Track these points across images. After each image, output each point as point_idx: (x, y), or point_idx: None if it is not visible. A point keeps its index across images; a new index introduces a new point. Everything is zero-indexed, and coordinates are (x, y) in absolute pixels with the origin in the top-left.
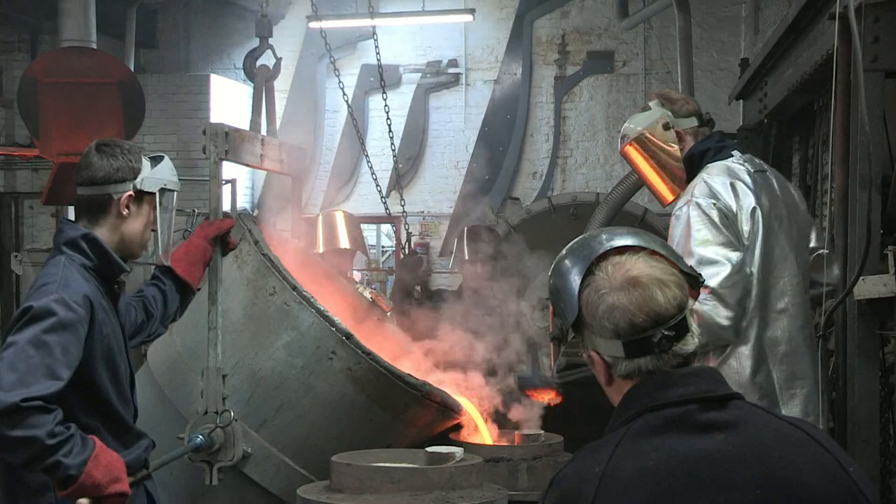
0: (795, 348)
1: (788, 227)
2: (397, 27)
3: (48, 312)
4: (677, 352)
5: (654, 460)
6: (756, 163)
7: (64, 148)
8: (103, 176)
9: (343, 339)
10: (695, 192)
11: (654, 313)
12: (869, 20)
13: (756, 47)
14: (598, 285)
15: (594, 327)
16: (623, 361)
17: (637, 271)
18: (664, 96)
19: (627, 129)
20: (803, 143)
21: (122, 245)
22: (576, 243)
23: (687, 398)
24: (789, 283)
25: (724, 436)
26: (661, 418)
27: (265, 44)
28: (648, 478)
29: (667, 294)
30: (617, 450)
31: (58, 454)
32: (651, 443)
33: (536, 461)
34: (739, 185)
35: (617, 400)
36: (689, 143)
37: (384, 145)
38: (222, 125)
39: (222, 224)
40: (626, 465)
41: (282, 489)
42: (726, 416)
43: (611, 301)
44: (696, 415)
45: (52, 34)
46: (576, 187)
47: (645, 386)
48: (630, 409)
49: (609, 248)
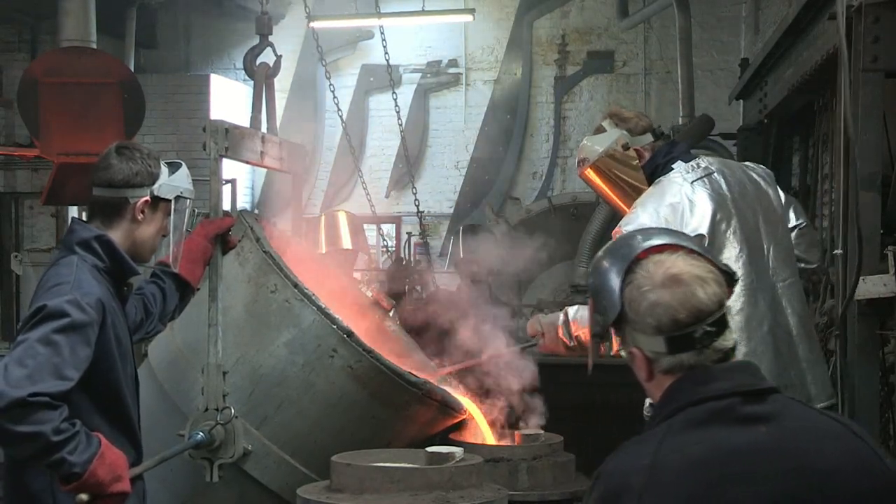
0: (753, 349)
1: (743, 225)
2: (397, 27)
3: (61, 313)
4: (717, 347)
5: (699, 452)
6: (700, 169)
7: (64, 148)
8: (121, 179)
9: (344, 336)
10: (626, 224)
11: (696, 309)
12: (869, 20)
13: (756, 47)
14: (640, 283)
15: (637, 324)
16: (665, 357)
17: (678, 269)
18: (617, 115)
19: (587, 151)
20: (803, 143)
21: (132, 249)
22: (613, 244)
23: (729, 392)
24: (742, 283)
25: (766, 428)
26: (705, 411)
27: (265, 41)
28: (695, 469)
29: (707, 291)
30: (664, 442)
31: (63, 451)
32: (696, 435)
33: (536, 461)
34: (668, 208)
35: (657, 395)
36: (647, 160)
37: (384, 145)
38: (222, 122)
39: (222, 223)
40: (674, 456)
41: (282, 487)
42: (767, 409)
43: (653, 298)
44: (738, 408)
45: (52, 34)
46: (576, 187)
47: (687, 380)
48: (673, 403)
49: (647, 247)
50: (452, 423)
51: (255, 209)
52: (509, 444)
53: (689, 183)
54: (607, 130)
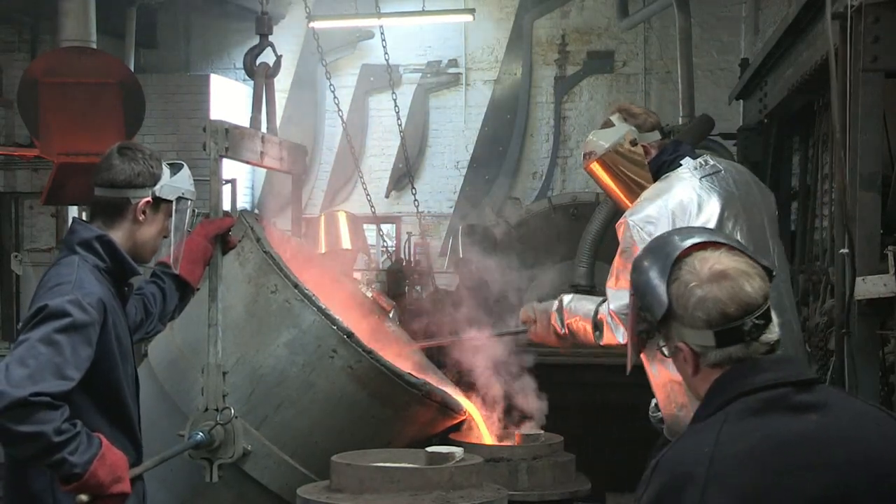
0: None
1: (749, 225)
2: (397, 27)
3: (63, 313)
4: (764, 340)
5: (758, 439)
6: (709, 166)
7: (64, 148)
8: (123, 179)
9: (344, 337)
10: (632, 212)
11: (745, 303)
12: (869, 20)
13: (756, 47)
14: (686, 279)
15: (685, 318)
16: (713, 350)
17: (723, 265)
18: (626, 111)
19: (594, 145)
20: (803, 143)
21: (133, 249)
22: (653, 243)
23: (780, 382)
24: None
25: (817, 416)
26: (759, 401)
27: (265, 41)
28: (756, 455)
29: (753, 285)
30: (723, 430)
31: (63, 451)
32: (754, 423)
33: (536, 461)
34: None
35: (702, 388)
36: (653, 157)
37: (384, 145)
38: (222, 122)
39: (222, 223)
40: (735, 444)
41: (281, 487)
42: (817, 398)
43: (701, 293)
44: (790, 397)
45: (52, 34)
46: (576, 187)
47: (737, 372)
48: (726, 394)
49: (690, 245)
50: (452, 423)
51: (255, 209)
52: (509, 444)
53: (697, 179)
54: (615, 125)
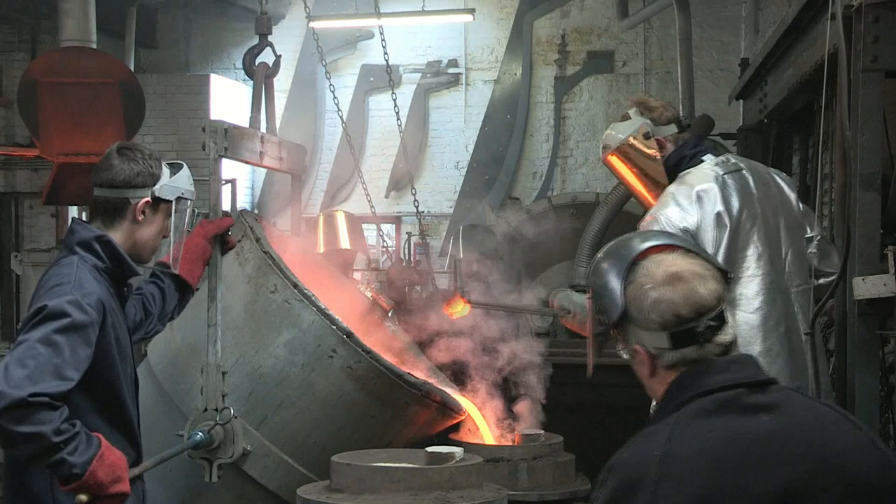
0: (769, 348)
1: (766, 226)
2: (397, 27)
3: (62, 313)
4: (719, 341)
5: (711, 440)
6: (730, 164)
7: (64, 148)
8: (123, 179)
9: (344, 337)
10: (659, 207)
11: (698, 305)
12: (869, 20)
13: (756, 47)
14: (642, 282)
15: (640, 321)
16: (668, 352)
17: (678, 267)
18: (643, 104)
19: (609, 137)
20: (803, 143)
21: (133, 250)
22: (612, 246)
23: (734, 383)
24: (762, 282)
25: (770, 417)
26: (713, 402)
27: (265, 41)
28: (707, 457)
29: (707, 287)
30: (675, 432)
31: (63, 451)
32: (706, 424)
33: (536, 461)
34: (705, 194)
35: (659, 390)
36: (669, 151)
37: (385, 145)
38: (222, 122)
39: (222, 223)
40: (686, 446)
41: (280, 487)
42: (771, 399)
43: (655, 295)
44: (743, 398)
45: (52, 34)
46: (576, 187)
47: (692, 373)
48: (680, 395)
49: (646, 248)
50: (452, 423)
51: (255, 209)
52: (509, 444)
53: (721, 175)
54: (632, 118)
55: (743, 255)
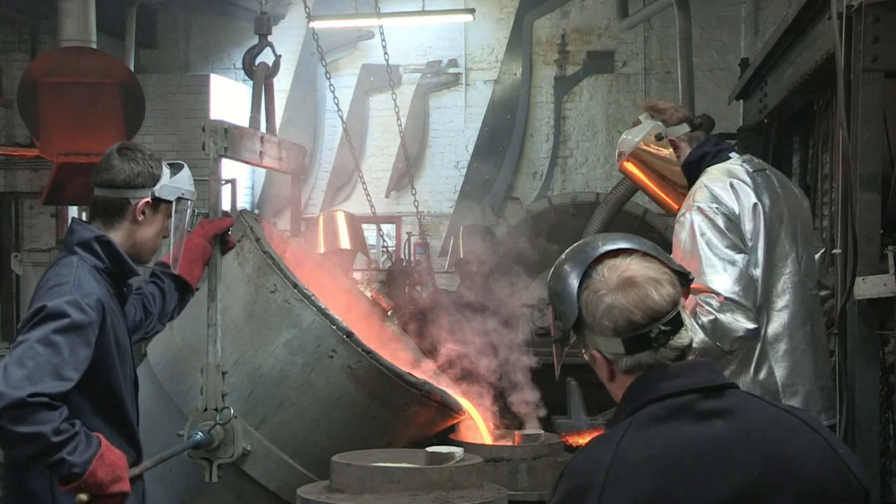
0: (796, 346)
1: (790, 226)
2: (397, 27)
3: (61, 313)
4: (674, 345)
5: (659, 447)
6: (755, 162)
7: (64, 148)
8: (123, 179)
9: (344, 337)
10: (696, 198)
11: (651, 310)
12: (869, 20)
13: (756, 47)
14: (596, 287)
15: (594, 327)
16: (624, 357)
17: (632, 272)
18: (652, 107)
19: (623, 143)
20: (803, 143)
21: (133, 250)
22: (572, 249)
23: (687, 388)
24: (790, 280)
25: (724, 422)
26: (664, 408)
27: (264, 41)
28: (655, 463)
29: (661, 291)
30: (623, 439)
31: (62, 451)
32: (656, 431)
33: (536, 461)
34: (739, 186)
35: (619, 395)
36: (685, 150)
37: (384, 145)
38: (222, 122)
39: (221, 223)
40: (634, 452)
41: (280, 487)
42: (725, 404)
43: (609, 301)
44: (696, 403)
45: (52, 34)
46: (576, 187)
47: (646, 379)
48: (633, 401)
49: (603, 252)
50: (452, 423)
51: (255, 209)
52: (509, 444)
53: (750, 172)
54: (643, 123)
55: (773, 254)
